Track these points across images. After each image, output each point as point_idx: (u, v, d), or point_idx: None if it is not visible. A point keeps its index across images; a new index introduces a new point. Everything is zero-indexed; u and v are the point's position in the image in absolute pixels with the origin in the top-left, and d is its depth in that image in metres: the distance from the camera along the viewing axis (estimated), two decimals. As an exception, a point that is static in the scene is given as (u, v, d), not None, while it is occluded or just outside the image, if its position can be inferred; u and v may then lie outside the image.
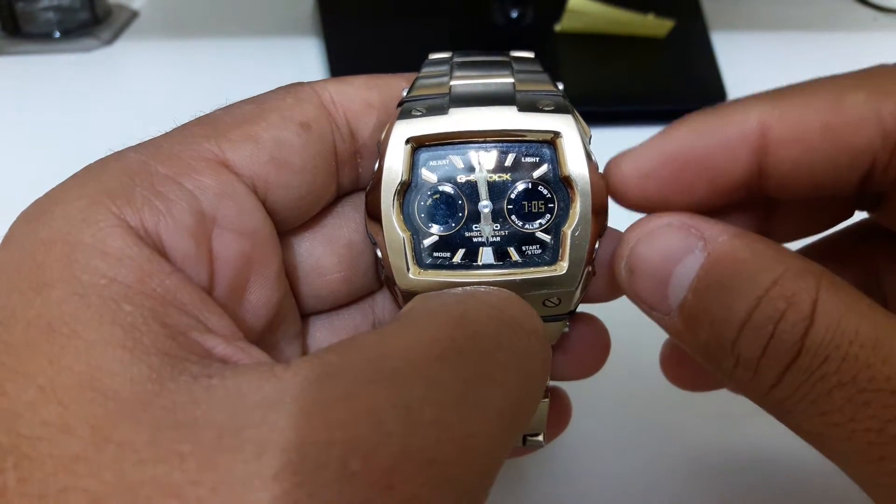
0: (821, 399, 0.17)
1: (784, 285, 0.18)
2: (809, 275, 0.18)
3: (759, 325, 0.18)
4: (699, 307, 0.19)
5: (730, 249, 0.19)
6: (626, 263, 0.21)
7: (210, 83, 0.55)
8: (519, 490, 0.31)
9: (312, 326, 0.25)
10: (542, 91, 0.23)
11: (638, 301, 0.21)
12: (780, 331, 0.17)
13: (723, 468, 0.32)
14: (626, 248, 0.21)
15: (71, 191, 0.18)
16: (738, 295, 0.18)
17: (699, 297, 0.19)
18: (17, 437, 0.15)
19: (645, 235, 0.20)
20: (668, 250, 0.20)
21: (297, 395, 0.15)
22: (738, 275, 0.18)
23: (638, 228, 0.21)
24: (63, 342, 0.15)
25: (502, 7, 0.59)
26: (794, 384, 0.17)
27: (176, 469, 0.14)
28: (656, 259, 0.20)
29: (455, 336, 0.17)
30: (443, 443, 0.15)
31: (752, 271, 0.18)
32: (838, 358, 0.17)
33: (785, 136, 0.19)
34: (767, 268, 0.18)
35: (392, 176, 0.22)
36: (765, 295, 0.18)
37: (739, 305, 0.18)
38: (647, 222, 0.21)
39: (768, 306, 0.18)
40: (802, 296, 0.17)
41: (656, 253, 0.20)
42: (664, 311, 0.20)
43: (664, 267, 0.20)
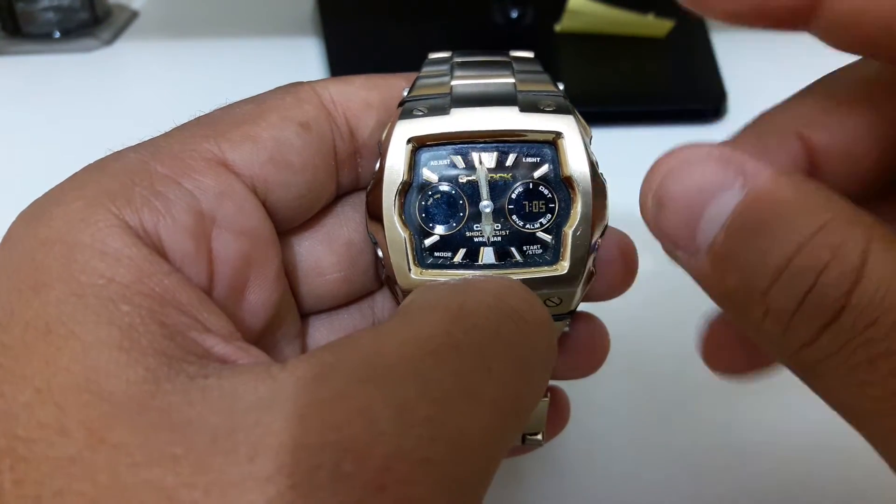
0: (861, 367, 0.15)
1: (831, 233, 0.15)
2: (861, 224, 0.16)
3: (798, 275, 0.16)
4: (731, 249, 0.17)
5: (773, 188, 0.16)
6: (655, 194, 0.18)
7: (210, 83, 0.55)
8: (517, 489, 0.31)
9: (312, 326, 0.25)
10: (542, 91, 0.23)
11: (663, 238, 0.19)
12: (822, 283, 0.15)
13: (722, 467, 0.32)
14: (657, 179, 0.18)
15: (70, 191, 0.18)
16: (776, 239, 0.16)
17: (732, 239, 0.17)
18: (14, 438, 0.15)
19: (678, 166, 0.18)
20: (703, 184, 0.17)
21: (292, 395, 0.15)
22: (780, 217, 0.16)
23: (671, 157, 0.18)
24: (60, 343, 0.15)
25: (502, 7, 0.59)
26: (831, 346, 0.15)
27: (169, 471, 0.14)
28: (689, 192, 0.18)
29: (451, 330, 0.17)
30: (437, 441, 0.15)
31: (795, 214, 0.16)
32: (888, 322, 0.15)
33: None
34: (813, 212, 0.16)
35: (393, 176, 0.22)
36: (808, 242, 0.16)
37: (777, 251, 0.16)
38: (682, 151, 0.18)
39: (811, 254, 0.15)
40: (851, 246, 0.15)
41: (690, 186, 0.18)
42: (691, 251, 0.18)
43: (697, 202, 0.17)
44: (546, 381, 0.21)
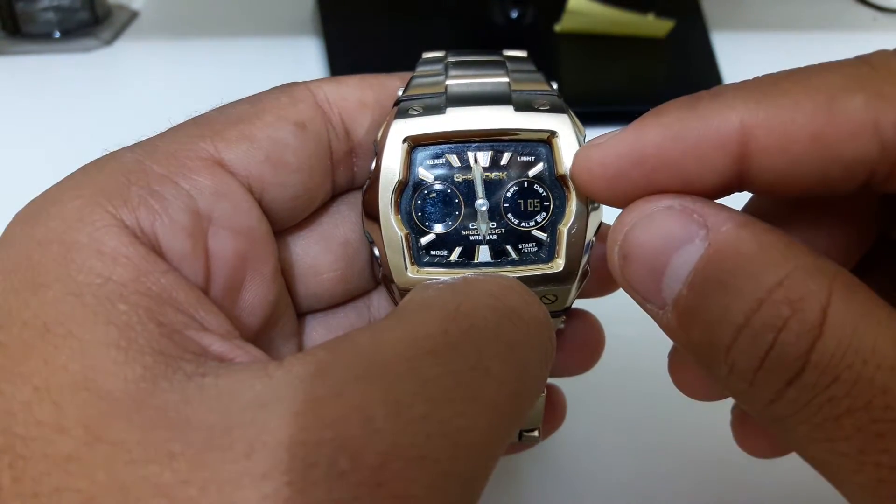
0: (827, 424, 0.15)
1: (791, 287, 0.15)
2: (821, 275, 0.15)
3: (758, 333, 0.15)
4: (694, 304, 0.17)
5: (734, 241, 0.16)
6: (620, 249, 0.18)
7: (210, 83, 0.55)
8: (513, 487, 0.31)
9: (308, 325, 0.25)
10: (537, 90, 0.23)
11: (630, 291, 0.19)
12: (781, 341, 0.15)
13: (720, 465, 0.32)
14: (621, 232, 0.18)
15: (67, 191, 0.18)
16: (737, 294, 0.16)
17: (695, 293, 0.17)
18: (12, 436, 0.15)
19: (642, 219, 0.18)
20: (666, 237, 0.17)
21: (288, 393, 0.15)
22: (740, 271, 0.16)
23: (635, 210, 0.18)
24: (58, 342, 0.15)
25: (502, 7, 0.59)
26: (796, 403, 0.15)
27: (166, 469, 0.14)
28: (652, 246, 0.18)
29: (448, 329, 0.17)
30: (434, 439, 0.15)
31: (755, 268, 0.16)
32: (850, 379, 0.14)
33: (769, 144, 0.17)
34: (774, 265, 0.16)
35: (390, 175, 0.22)
36: (767, 297, 0.15)
37: (737, 307, 0.16)
38: (645, 204, 0.18)
39: (770, 311, 0.15)
40: (811, 301, 0.15)
41: (653, 239, 0.18)
42: (658, 305, 0.18)
43: (660, 255, 0.17)
44: (544, 380, 0.21)
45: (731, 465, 0.32)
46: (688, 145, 0.17)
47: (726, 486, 0.31)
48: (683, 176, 0.18)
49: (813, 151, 0.16)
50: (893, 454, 0.14)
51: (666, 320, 0.18)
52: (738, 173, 0.17)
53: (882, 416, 0.14)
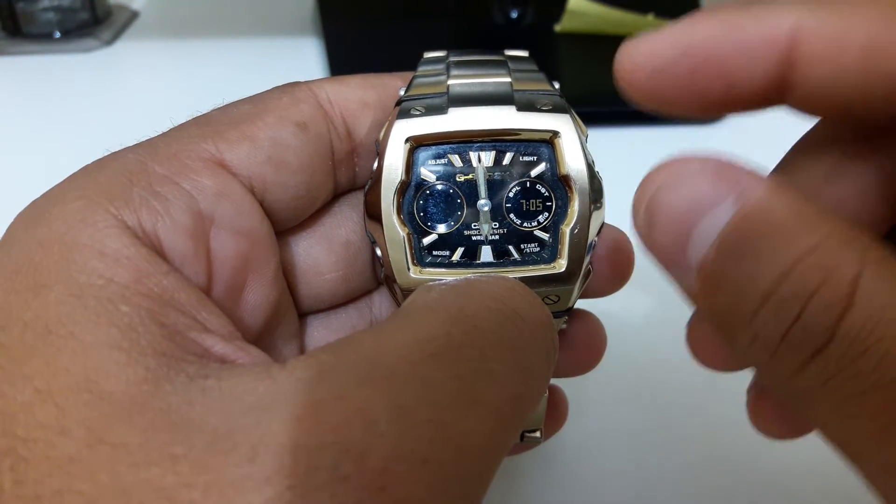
0: (851, 400, 0.14)
1: (822, 255, 0.14)
2: (855, 245, 0.15)
3: (785, 301, 0.15)
4: (720, 269, 0.16)
5: (765, 206, 0.15)
6: (646, 209, 0.17)
7: (210, 83, 0.55)
8: (515, 487, 0.31)
9: (310, 326, 0.25)
10: (539, 90, 0.23)
11: (655, 253, 0.18)
12: (809, 311, 0.14)
13: (722, 465, 0.32)
14: (649, 192, 0.17)
15: (68, 192, 0.18)
16: (765, 260, 0.15)
17: (722, 258, 0.16)
18: (14, 438, 0.15)
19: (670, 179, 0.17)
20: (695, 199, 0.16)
21: (291, 396, 0.15)
22: (770, 237, 0.15)
23: (663, 170, 0.17)
24: (60, 344, 0.15)
25: (502, 7, 0.59)
26: (819, 377, 0.15)
27: (169, 471, 0.14)
28: (680, 208, 0.17)
29: (452, 332, 0.17)
30: (437, 442, 0.15)
31: (786, 234, 0.15)
32: (878, 353, 0.14)
33: (818, 49, 0.16)
34: (806, 231, 0.15)
35: (392, 175, 0.22)
36: (797, 265, 0.15)
37: (765, 273, 0.15)
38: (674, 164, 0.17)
39: (799, 279, 0.14)
40: (843, 270, 0.14)
41: (681, 200, 0.17)
42: (681, 268, 0.17)
43: (688, 218, 0.16)
44: (547, 382, 0.21)
45: (733, 465, 0.32)
46: (737, 40, 0.17)
47: (728, 487, 0.31)
48: (728, 75, 0.17)
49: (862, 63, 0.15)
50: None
51: (688, 285, 0.17)
52: (782, 80, 0.17)
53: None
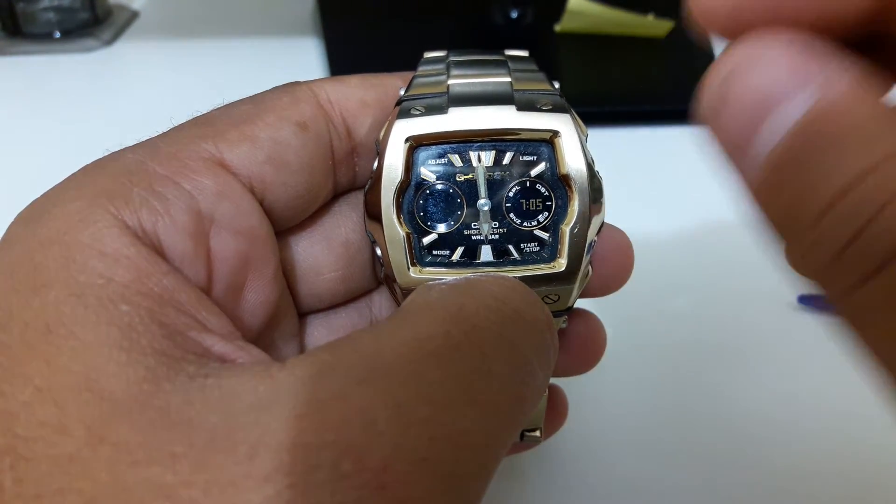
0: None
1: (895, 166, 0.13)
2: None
3: (858, 204, 0.13)
4: (790, 162, 0.15)
5: (847, 101, 0.14)
6: (718, 90, 0.16)
7: (210, 83, 0.55)
8: (515, 487, 0.31)
9: (310, 325, 0.25)
10: (539, 90, 0.23)
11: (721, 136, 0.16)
12: (881, 219, 0.13)
13: (722, 463, 0.32)
14: (723, 73, 0.16)
15: (68, 191, 0.18)
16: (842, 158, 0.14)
17: (793, 151, 0.15)
18: (14, 437, 0.15)
19: (750, 59, 0.16)
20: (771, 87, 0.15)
21: (291, 395, 0.15)
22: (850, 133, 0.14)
23: (743, 48, 0.16)
24: (60, 343, 0.15)
25: (502, 7, 0.59)
26: (878, 297, 0.14)
27: (169, 470, 0.14)
28: (757, 90, 0.15)
29: (451, 331, 0.17)
30: (436, 441, 0.15)
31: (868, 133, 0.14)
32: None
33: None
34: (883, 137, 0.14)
35: (392, 174, 0.22)
36: (876, 167, 0.13)
37: (841, 172, 0.14)
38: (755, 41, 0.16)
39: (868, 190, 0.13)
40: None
41: (758, 83, 0.15)
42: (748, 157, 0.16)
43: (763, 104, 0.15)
44: (547, 381, 0.21)
45: (734, 464, 0.32)
46: None
47: (729, 484, 0.31)
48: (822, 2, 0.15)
49: None
50: None
51: (751, 177, 0.16)
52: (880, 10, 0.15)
53: None
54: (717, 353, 0.36)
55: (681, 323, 0.38)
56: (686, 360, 0.37)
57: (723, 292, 0.40)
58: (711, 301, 0.39)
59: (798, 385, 0.35)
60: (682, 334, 0.38)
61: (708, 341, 0.37)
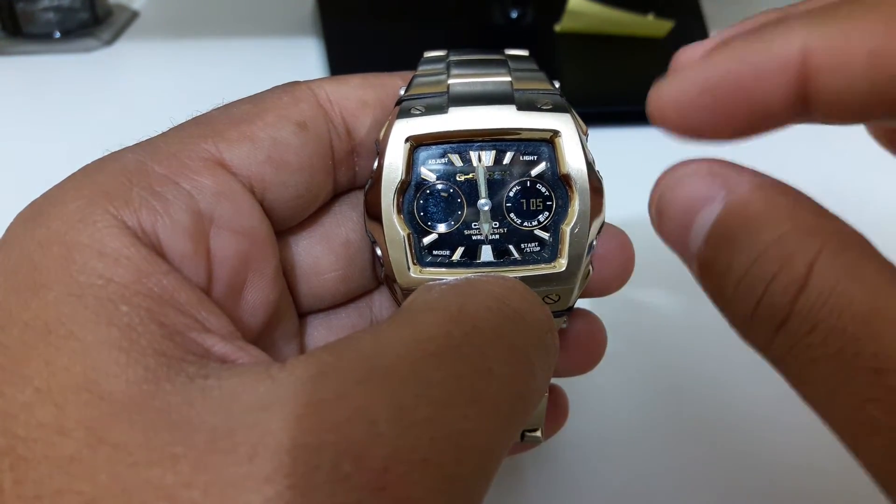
0: (808, 367, 0.16)
1: (783, 244, 0.17)
2: (816, 234, 0.17)
3: (751, 285, 0.17)
4: (710, 258, 0.18)
5: (746, 201, 0.18)
6: (656, 206, 0.20)
7: (210, 83, 0.55)
8: (516, 487, 0.31)
9: (310, 325, 0.25)
10: (539, 89, 0.23)
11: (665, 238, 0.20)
12: (769, 292, 0.17)
13: (722, 464, 0.32)
14: (658, 192, 0.20)
15: (68, 191, 0.18)
16: (740, 250, 0.17)
17: (710, 249, 0.18)
18: (14, 438, 0.15)
19: (673, 181, 0.20)
20: (691, 197, 0.19)
21: (291, 396, 0.15)
22: (745, 229, 0.17)
23: (669, 174, 0.20)
24: (60, 343, 0.15)
25: (502, 7, 0.59)
26: (783, 347, 0.17)
27: (169, 471, 0.14)
28: (681, 205, 0.19)
29: (451, 332, 0.17)
30: (437, 442, 0.15)
31: (757, 227, 0.17)
32: (826, 328, 0.16)
33: (827, 64, 0.17)
34: (774, 224, 0.17)
35: (392, 174, 0.22)
36: (763, 254, 0.17)
37: (739, 261, 0.17)
38: (677, 168, 0.20)
39: (763, 266, 0.17)
40: (799, 257, 0.16)
41: (680, 199, 0.19)
42: (686, 258, 0.20)
43: (686, 214, 0.19)
44: (547, 381, 0.21)
45: (734, 464, 0.32)
46: (752, 69, 0.19)
47: (729, 486, 0.31)
48: (749, 100, 0.19)
49: (871, 69, 0.17)
50: (859, 397, 0.16)
51: (690, 264, 0.19)
52: (801, 96, 0.18)
53: (851, 363, 0.16)
54: (717, 353, 0.36)
55: (681, 323, 0.38)
56: (687, 360, 0.36)
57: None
58: (712, 301, 0.39)
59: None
60: (682, 334, 0.38)
61: (708, 341, 0.37)
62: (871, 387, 0.15)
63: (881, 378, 0.15)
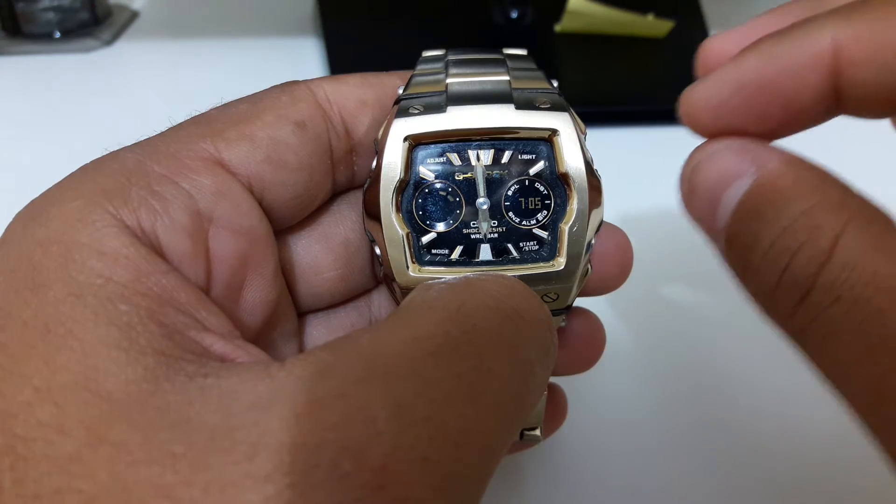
0: (829, 339, 0.17)
1: (811, 217, 0.17)
2: (842, 208, 0.17)
3: (778, 255, 0.17)
4: (737, 232, 0.19)
5: (774, 176, 0.18)
6: (687, 182, 0.20)
7: (210, 83, 0.55)
8: (515, 486, 0.31)
9: (309, 325, 0.25)
10: (538, 89, 0.23)
11: (694, 213, 0.21)
12: (794, 263, 0.17)
13: (722, 462, 0.32)
14: (688, 168, 0.20)
15: (67, 191, 0.18)
16: (767, 223, 0.18)
17: (738, 222, 0.19)
18: (13, 437, 0.15)
19: (704, 157, 0.20)
20: (722, 173, 0.19)
21: (291, 395, 0.15)
22: (773, 203, 0.18)
23: (700, 150, 0.20)
24: (59, 343, 0.15)
25: (502, 7, 0.59)
26: (805, 318, 0.17)
27: (168, 470, 0.14)
28: (711, 180, 0.19)
29: (450, 330, 0.17)
30: (436, 440, 0.15)
31: (785, 200, 0.17)
32: (849, 299, 0.16)
33: (859, 56, 0.18)
34: (801, 198, 0.17)
35: (391, 173, 0.22)
36: (790, 226, 0.17)
37: (766, 234, 0.18)
38: (708, 145, 0.20)
39: (789, 237, 0.17)
40: (826, 230, 0.17)
41: (711, 174, 0.20)
42: (713, 232, 0.20)
43: (716, 189, 0.19)
44: (546, 380, 0.21)
45: (733, 461, 0.32)
46: (783, 66, 0.19)
47: (729, 483, 0.31)
48: (782, 97, 0.19)
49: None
50: (882, 367, 0.16)
51: (719, 246, 0.20)
52: (833, 92, 0.19)
53: (875, 332, 0.16)
54: (717, 352, 0.37)
55: (680, 321, 0.38)
56: (686, 359, 0.37)
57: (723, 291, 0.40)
58: (711, 299, 0.39)
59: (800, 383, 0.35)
60: (681, 333, 0.38)
61: (708, 339, 0.37)
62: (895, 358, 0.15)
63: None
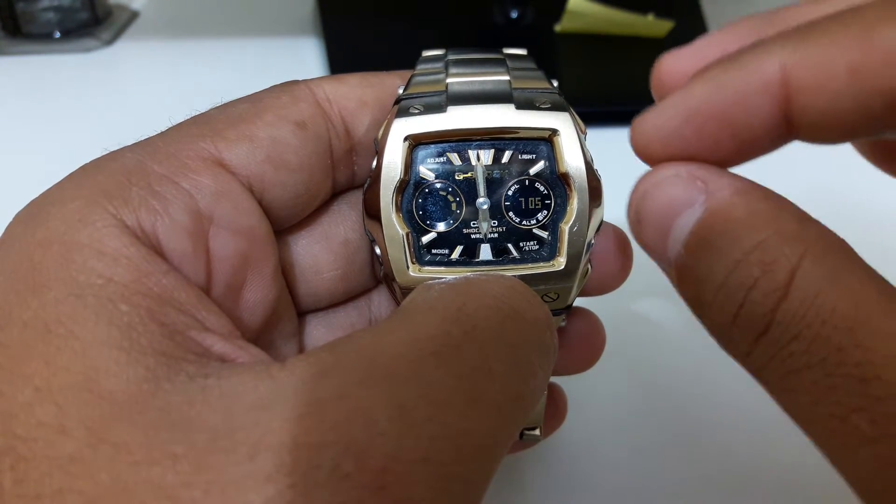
0: (789, 377, 0.16)
1: (765, 250, 0.16)
2: (798, 240, 0.16)
3: (731, 291, 0.17)
4: (688, 264, 0.18)
5: (727, 206, 0.17)
6: (635, 212, 0.20)
7: (210, 83, 0.55)
8: (515, 486, 0.31)
9: (309, 324, 0.25)
10: (538, 88, 0.23)
11: (643, 243, 0.20)
12: (750, 300, 0.16)
13: (721, 462, 0.32)
14: (636, 197, 0.20)
15: (67, 191, 0.18)
16: (720, 256, 0.17)
17: (689, 254, 0.18)
18: (14, 437, 0.15)
19: (652, 185, 0.19)
20: (671, 202, 0.19)
21: (292, 395, 0.15)
22: (726, 234, 0.17)
23: (647, 178, 0.20)
24: (59, 343, 0.15)
25: (502, 7, 0.59)
26: (764, 356, 0.16)
27: (169, 470, 0.14)
28: (660, 210, 0.19)
29: (451, 331, 0.17)
30: (437, 441, 0.15)
31: (738, 232, 0.17)
32: (808, 337, 0.15)
33: (807, 82, 0.17)
34: (755, 229, 0.17)
35: (391, 173, 0.22)
36: (743, 259, 0.16)
37: (719, 267, 0.17)
38: (655, 172, 0.20)
39: (744, 272, 0.16)
40: (781, 263, 0.16)
41: (660, 203, 0.19)
42: (666, 264, 0.19)
43: (666, 218, 0.19)
44: (546, 380, 0.21)
45: (732, 461, 0.32)
46: (732, 94, 0.18)
47: (728, 483, 0.31)
48: (732, 126, 0.19)
49: (852, 85, 0.16)
50: (843, 407, 0.15)
51: (668, 270, 0.19)
52: (784, 118, 0.18)
53: (835, 372, 0.15)
54: (717, 351, 0.36)
55: (680, 321, 0.38)
56: (686, 359, 0.37)
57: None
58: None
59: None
60: (681, 332, 0.38)
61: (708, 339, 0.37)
62: (856, 396, 0.15)
63: (866, 387, 0.15)
